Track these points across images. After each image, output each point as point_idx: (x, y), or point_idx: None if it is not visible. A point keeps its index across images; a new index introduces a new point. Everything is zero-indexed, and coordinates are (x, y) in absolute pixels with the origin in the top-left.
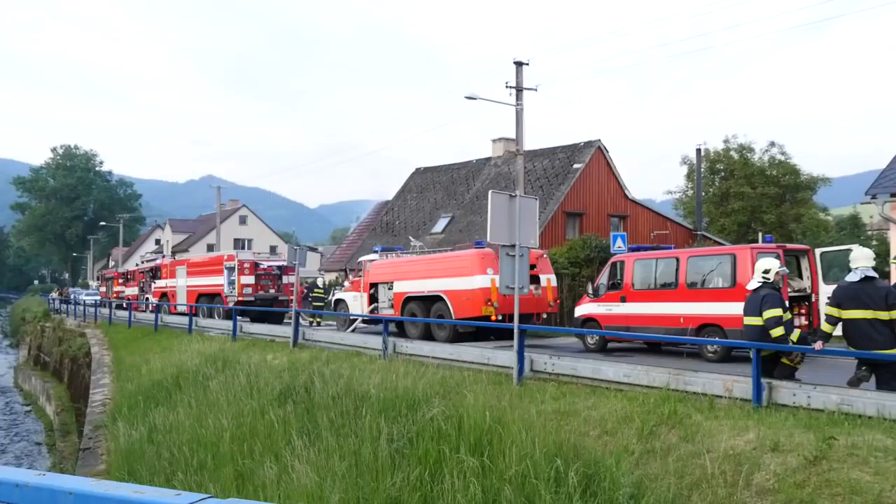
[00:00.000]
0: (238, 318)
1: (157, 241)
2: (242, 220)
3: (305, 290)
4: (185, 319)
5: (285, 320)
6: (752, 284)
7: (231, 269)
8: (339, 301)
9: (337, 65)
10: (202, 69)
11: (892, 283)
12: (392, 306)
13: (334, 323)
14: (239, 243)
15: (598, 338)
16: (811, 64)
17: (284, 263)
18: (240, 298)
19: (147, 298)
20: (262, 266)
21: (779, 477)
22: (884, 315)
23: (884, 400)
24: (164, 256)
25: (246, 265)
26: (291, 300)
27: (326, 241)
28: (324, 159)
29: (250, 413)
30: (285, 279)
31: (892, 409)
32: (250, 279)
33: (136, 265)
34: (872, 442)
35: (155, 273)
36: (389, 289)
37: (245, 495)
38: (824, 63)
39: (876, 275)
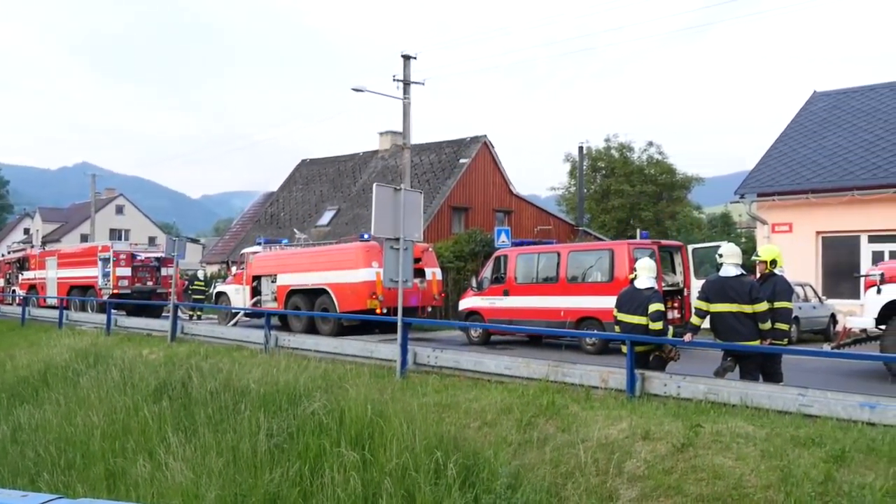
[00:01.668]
0: (113, 311)
1: (26, 231)
2: (119, 210)
3: (186, 283)
4: (56, 313)
5: (164, 314)
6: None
7: (106, 261)
8: (220, 294)
9: (226, 53)
10: (77, 50)
11: (756, 277)
12: (275, 299)
13: (215, 316)
14: (115, 234)
15: (481, 331)
16: (689, 67)
17: (163, 255)
18: (115, 291)
19: (14, 291)
20: (139, 258)
21: (649, 464)
22: (747, 308)
23: (746, 389)
24: (32, 246)
25: (122, 256)
26: (170, 293)
27: (209, 233)
28: (208, 149)
29: (123, 410)
30: (164, 271)
31: (753, 398)
32: (126, 271)
33: (2, 255)
34: (735, 429)
35: (23, 264)
36: (273, 281)
37: (116, 494)
38: (701, 67)
39: (743, 270)
